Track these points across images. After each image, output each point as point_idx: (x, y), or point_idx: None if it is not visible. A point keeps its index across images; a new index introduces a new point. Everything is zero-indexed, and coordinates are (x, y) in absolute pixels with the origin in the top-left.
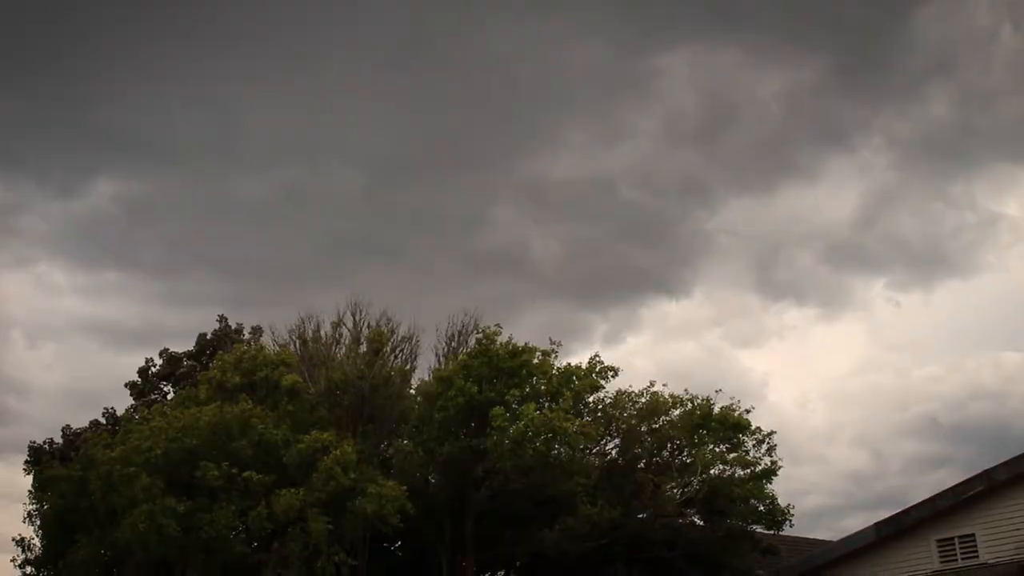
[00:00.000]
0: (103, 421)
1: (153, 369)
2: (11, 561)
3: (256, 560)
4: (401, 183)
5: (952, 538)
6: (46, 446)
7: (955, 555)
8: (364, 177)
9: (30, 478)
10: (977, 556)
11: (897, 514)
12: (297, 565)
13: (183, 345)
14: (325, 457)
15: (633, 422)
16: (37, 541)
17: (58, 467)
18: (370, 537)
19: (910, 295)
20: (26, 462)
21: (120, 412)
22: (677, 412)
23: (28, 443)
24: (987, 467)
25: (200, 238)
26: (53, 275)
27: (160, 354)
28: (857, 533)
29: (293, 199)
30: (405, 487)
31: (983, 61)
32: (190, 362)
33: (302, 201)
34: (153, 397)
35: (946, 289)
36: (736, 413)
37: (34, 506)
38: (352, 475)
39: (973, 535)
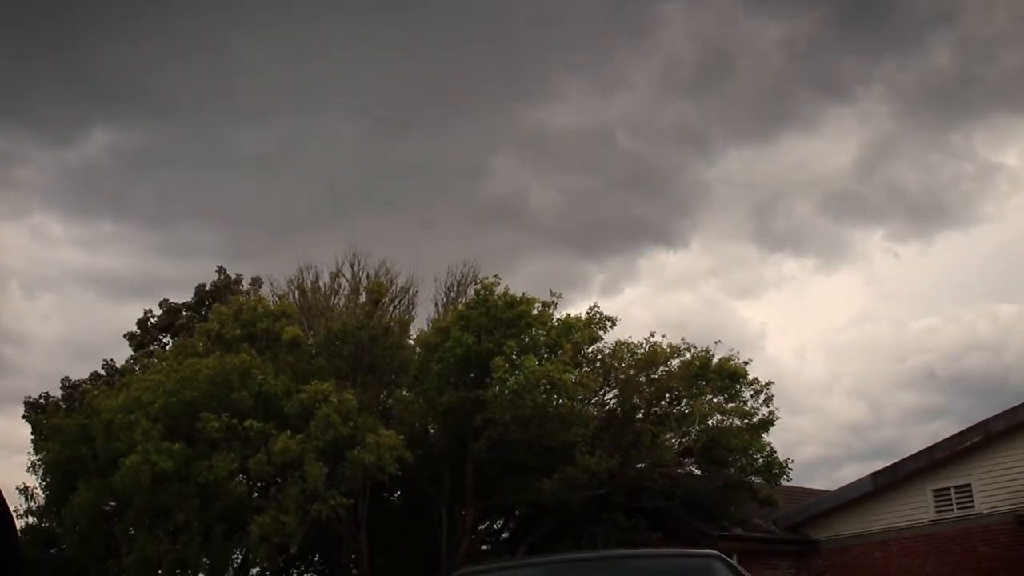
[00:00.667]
0: (103, 373)
1: (152, 320)
2: (14, 511)
3: (254, 506)
4: (399, 133)
5: (948, 488)
6: (41, 400)
7: (951, 505)
8: (362, 127)
9: (30, 428)
10: (973, 506)
11: (893, 464)
12: (294, 510)
13: (181, 296)
14: (324, 405)
15: (632, 373)
16: (40, 491)
17: (61, 416)
18: (370, 486)
19: (908, 246)
20: (24, 416)
21: (120, 364)
22: (676, 362)
23: (24, 398)
24: (984, 418)
25: (196, 188)
26: (49, 226)
27: (159, 305)
28: (854, 483)
29: (290, 149)
30: (403, 436)
31: (986, 10)
32: (189, 313)
33: (299, 151)
34: (152, 348)
35: (944, 240)
36: (734, 363)
37: (37, 456)
38: (351, 423)
39: (969, 485)
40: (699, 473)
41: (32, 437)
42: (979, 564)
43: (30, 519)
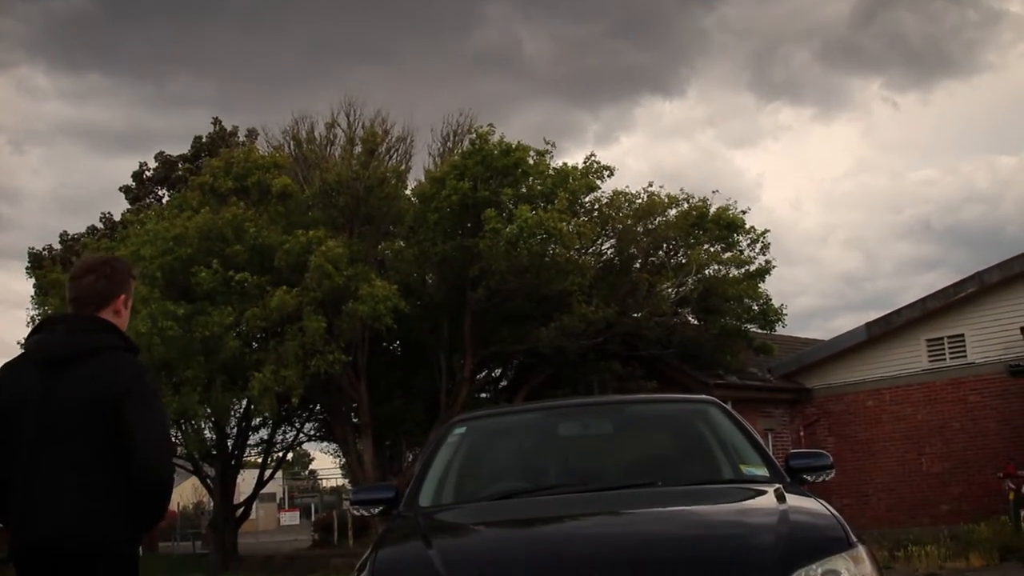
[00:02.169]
0: (100, 226)
1: (148, 173)
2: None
3: (254, 359)
4: None
5: (941, 338)
6: (45, 252)
7: (943, 355)
8: None
9: (27, 284)
10: (965, 356)
11: (888, 314)
12: (294, 363)
13: (176, 148)
14: (314, 255)
15: (629, 222)
16: None
17: (60, 270)
18: (369, 336)
19: (907, 95)
20: (27, 268)
21: (116, 217)
22: (673, 212)
23: (27, 249)
24: (979, 269)
25: (185, 38)
26: (35, 78)
27: (155, 158)
28: (848, 332)
29: None
30: (396, 286)
31: None
32: (186, 165)
33: (288, 0)
34: (149, 201)
35: (944, 89)
36: (731, 213)
37: (37, 311)
38: (346, 272)
39: (962, 335)
40: (695, 322)
41: (34, 291)
42: (970, 413)
43: None
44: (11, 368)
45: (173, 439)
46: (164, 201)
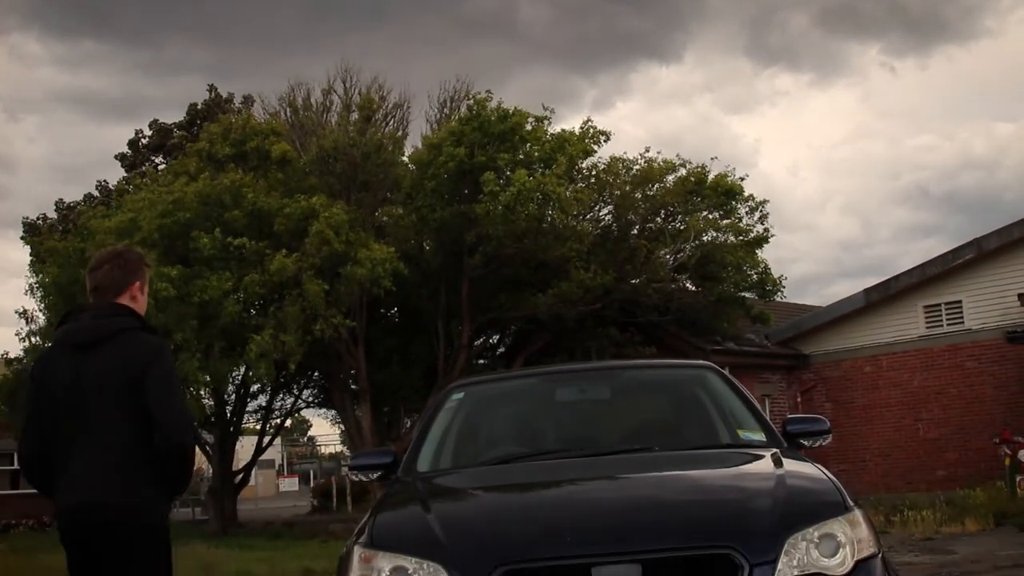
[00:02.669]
0: (96, 194)
1: (143, 141)
2: (15, 335)
3: (254, 324)
4: None
5: (939, 304)
6: (40, 220)
7: (941, 321)
8: None
9: (23, 252)
10: (963, 322)
11: (886, 280)
12: (294, 328)
13: (171, 116)
14: (315, 221)
15: (627, 188)
16: (39, 313)
17: (57, 238)
18: (367, 303)
19: (905, 61)
20: (22, 237)
21: (112, 185)
22: (671, 179)
23: (22, 218)
24: (976, 236)
25: (179, 4)
26: (28, 45)
27: (150, 126)
28: (846, 299)
29: None
30: (394, 249)
31: None
32: (181, 133)
33: None
34: (144, 169)
35: (942, 55)
36: (729, 179)
37: (34, 279)
38: (344, 238)
39: (960, 302)
40: (693, 289)
41: (31, 260)
42: (967, 379)
43: (33, 340)
44: (46, 356)
45: None
46: (160, 169)
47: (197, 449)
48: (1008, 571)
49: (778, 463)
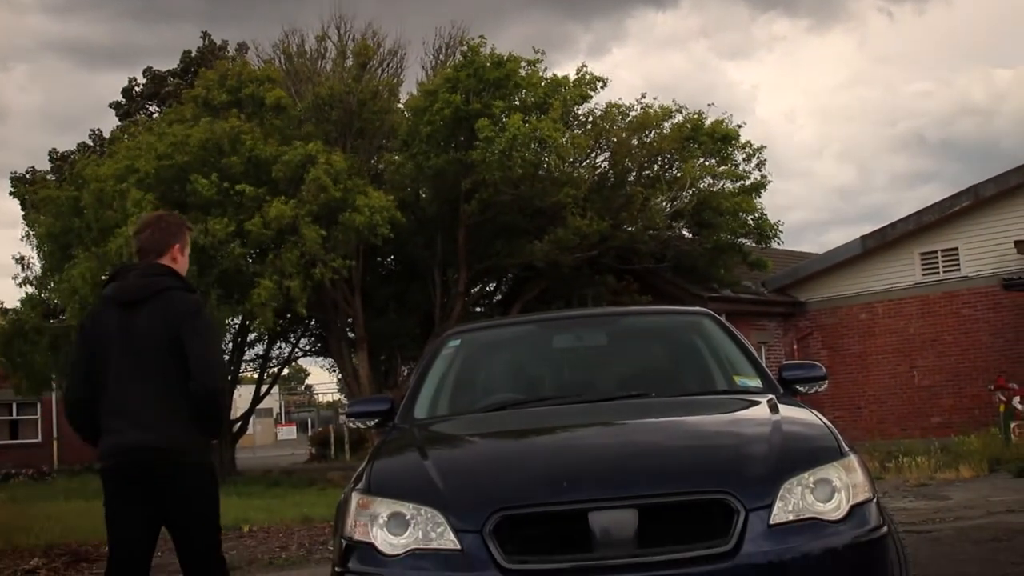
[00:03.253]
0: (90, 143)
1: (137, 89)
2: (12, 279)
3: (252, 272)
4: None
5: (935, 252)
6: (28, 174)
7: (937, 268)
8: None
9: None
10: (959, 269)
11: (883, 227)
12: (294, 274)
13: (165, 64)
14: (313, 167)
15: (624, 135)
16: (36, 260)
17: (52, 185)
18: (364, 250)
19: (903, 5)
20: (11, 192)
21: (106, 134)
22: (668, 125)
23: (10, 173)
24: (973, 183)
25: None
26: None
27: (143, 73)
28: (843, 246)
29: None
30: (392, 198)
31: None
32: (175, 80)
33: None
34: (139, 117)
35: (941, 0)
36: (726, 126)
37: (31, 230)
38: (342, 186)
39: (956, 249)
40: (689, 236)
41: (23, 212)
42: (962, 326)
43: (29, 289)
44: (97, 312)
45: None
46: (154, 117)
47: None
48: (1002, 516)
49: (774, 409)
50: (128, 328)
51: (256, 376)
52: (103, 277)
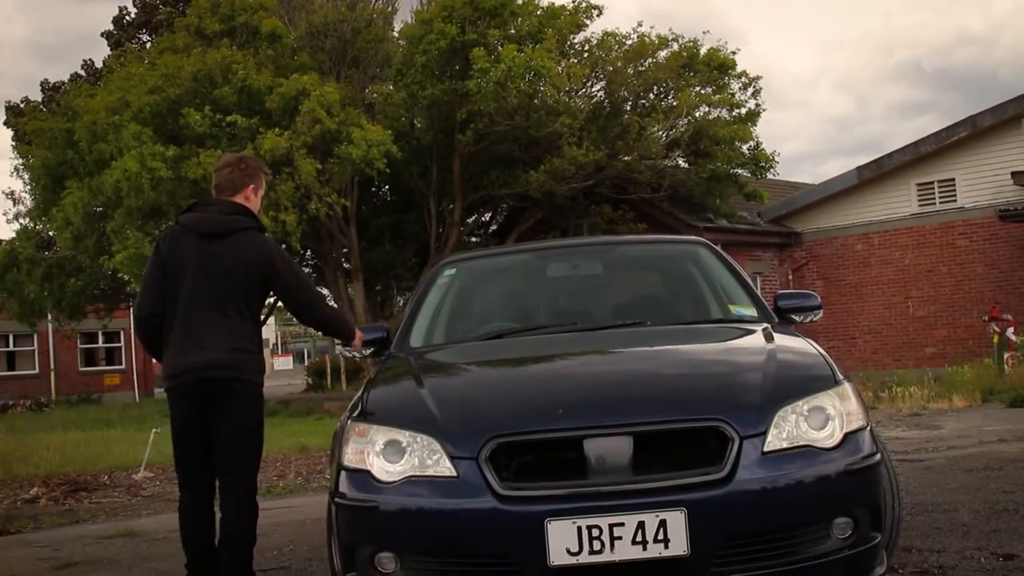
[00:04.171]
0: (83, 73)
1: (128, 18)
2: (3, 215)
3: None
4: None
5: (932, 182)
6: (22, 104)
7: (933, 199)
8: None
9: (5, 134)
10: (955, 200)
11: (880, 158)
12: (290, 207)
13: None
14: (307, 99)
15: (619, 64)
16: (27, 195)
17: (43, 117)
18: (358, 182)
19: None
20: (4, 122)
21: (99, 64)
22: (664, 54)
23: (5, 102)
24: (970, 114)
25: None
26: None
27: (134, 2)
28: (839, 176)
29: None
30: (390, 132)
31: None
32: (167, 9)
33: None
34: (130, 47)
35: None
36: (722, 54)
37: (21, 160)
38: (337, 118)
39: (953, 180)
40: (685, 166)
41: (13, 143)
42: (958, 257)
43: (23, 221)
44: (173, 236)
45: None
46: (147, 46)
47: None
48: (994, 445)
49: (769, 338)
50: (205, 258)
51: None
52: (96, 207)
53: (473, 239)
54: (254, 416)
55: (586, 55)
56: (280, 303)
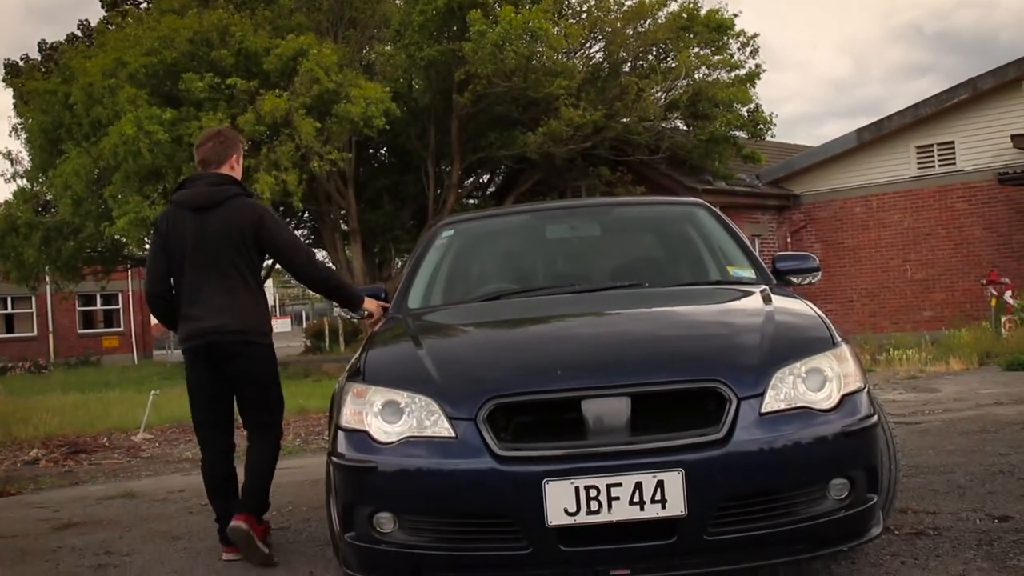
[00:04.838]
0: (79, 34)
1: None
2: (0, 176)
3: (246, 166)
4: None
5: (931, 145)
6: (22, 62)
7: (933, 162)
8: None
9: (5, 94)
10: (955, 163)
11: (879, 120)
12: (290, 167)
13: None
14: (305, 59)
15: (618, 25)
16: (25, 155)
17: (39, 77)
18: (356, 143)
19: None
20: (3, 79)
21: (95, 24)
22: (663, 14)
23: (4, 60)
24: (970, 76)
25: None
26: None
27: None
28: (838, 138)
29: None
30: (388, 89)
31: None
32: None
33: None
34: (126, 7)
35: None
36: (721, 15)
37: (20, 121)
38: (335, 78)
39: (952, 143)
40: (684, 127)
41: (14, 102)
42: (956, 220)
43: (20, 182)
44: (172, 214)
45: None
46: (142, 6)
47: None
48: (990, 408)
49: (767, 300)
50: (201, 230)
51: None
52: (95, 172)
53: (471, 201)
54: (269, 371)
55: (584, 15)
56: (268, 266)
